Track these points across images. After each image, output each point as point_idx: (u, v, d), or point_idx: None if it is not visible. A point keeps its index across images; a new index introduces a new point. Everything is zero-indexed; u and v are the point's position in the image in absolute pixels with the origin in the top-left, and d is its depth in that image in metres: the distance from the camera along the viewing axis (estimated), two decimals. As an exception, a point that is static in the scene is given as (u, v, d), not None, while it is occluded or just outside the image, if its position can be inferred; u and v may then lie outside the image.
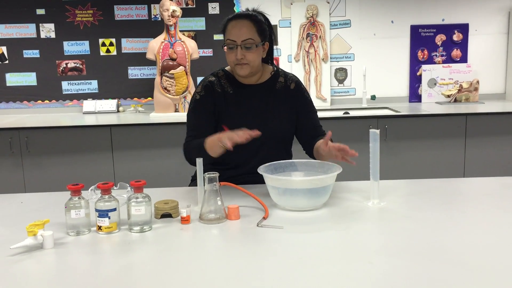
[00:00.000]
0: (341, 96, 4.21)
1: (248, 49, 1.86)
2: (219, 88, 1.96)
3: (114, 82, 4.10)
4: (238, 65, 1.89)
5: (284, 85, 2.01)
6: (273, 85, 2.00)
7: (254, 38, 1.87)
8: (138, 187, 1.46)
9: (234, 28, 1.87)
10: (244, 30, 1.86)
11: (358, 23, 4.12)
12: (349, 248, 1.29)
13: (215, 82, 1.97)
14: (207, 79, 1.99)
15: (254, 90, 1.98)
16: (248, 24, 1.88)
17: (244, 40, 1.85)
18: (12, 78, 4.05)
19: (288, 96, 2.00)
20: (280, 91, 2.00)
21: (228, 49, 1.89)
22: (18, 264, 1.24)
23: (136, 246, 1.36)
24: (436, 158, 3.55)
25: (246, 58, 1.87)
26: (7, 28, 3.98)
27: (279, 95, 1.99)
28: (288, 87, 2.01)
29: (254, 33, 1.88)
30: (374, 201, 1.64)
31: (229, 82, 1.98)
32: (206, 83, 1.98)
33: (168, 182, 3.07)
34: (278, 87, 2.00)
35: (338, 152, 1.71)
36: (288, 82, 2.02)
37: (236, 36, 1.86)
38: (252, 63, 1.89)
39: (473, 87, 4.09)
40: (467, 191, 1.87)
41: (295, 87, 2.03)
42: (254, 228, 1.46)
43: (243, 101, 1.96)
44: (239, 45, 1.86)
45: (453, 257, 1.21)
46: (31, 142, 3.42)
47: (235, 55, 1.87)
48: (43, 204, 1.76)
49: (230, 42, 1.87)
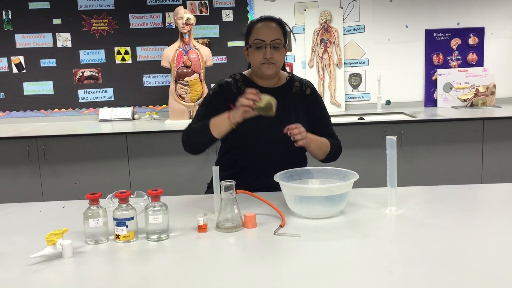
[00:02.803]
0: (356, 101, 4.19)
1: (276, 49, 1.91)
2: (235, 89, 1.99)
3: (130, 90, 4.13)
4: (264, 64, 1.91)
5: (300, 89, 2.05)
6: (289, 89, 2.04)
7: (281, 39, 1.93)
8: (155, 196, 1.47)
9: (263, 28, 1.92)
10: (273, 31, 1.92)
11: (372, 28, 4.11)
12: (367, 257, 1.28)
13: (232, 83, 2.01)
14: (224, 79, 2.04)
15: (271, 92, 1.98)
16: (275, 26, 1.94)
17: (273, 40, 1.90)
18: (29, 87, 4.11)
19: (303, 100, 2.04)
20: (296, 95, 2.03)
21: (256, 49, 1.91)
22: (38, 274, 1.25)
23: (154, 254, 1.37)
24: (453, 163, 3.51)
25: (274, 58, 1.90)
26: (25, 38, 4.05)
27: (295, 99, 2.02)
28: (304, 92, 2.05)
29: (281, 34, 1.94)
30: (392, 209, 1.63)
31: (246, 85, 2.00)
32: (223, 83, 2.02)
33: (183, 189, 3.08)
34: (294, 91, 2.04)
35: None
36: (304, 87, 2.07)
37: (265, 35, 1.90)
38: (278, 63, 1.93)
39: (490, 91, 4.05)
40: (485, 197, 1.84)
41: (311, 93, 2.06)
42: (271, 236, 1.45)
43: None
44: (268, 44, 1.90)
45: (473, 265, 1.20)
46: (48, 150, 3.46)
47: (263, 54, 1.90)
48: (61, 212, 1.78)
49: (258, 41, 1.90)
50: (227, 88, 2.00)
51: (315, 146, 1.93)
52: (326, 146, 1.98)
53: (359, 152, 3.48)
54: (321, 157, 2.00)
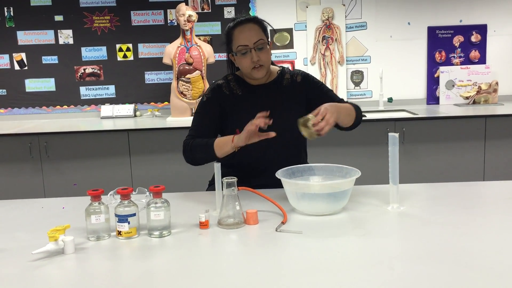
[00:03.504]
0: (358, 98, 4.18)
1: (261, 50, 1.88)
2: (227, 91, 1.98)
3: (131, 87, 4.13)
4: (254, 68, 1.89)
5: (291, 80, 2.02)
6: (280, 83, 2.02)
7: (263, 38, 1.90)
8: (157, 193, 1.47)
9: (243, 33, 1.88)
10: (253, 32, 1.88)
11: (374, 25, 4.10)
12: (369, 254, 1.28)
13: (224, 85, 2.00)
14: (216, 82, 2.03)
15: (263, 89, 2.00)
16: (254, 26, 1.90)
17: (256, 42, 1.87)
18: (31, 84, 4.11)
19: (296, 90, 2.00)
20: (287, 87, 2.01)
21: (241, 55, 1.89)
22: (40, 270, 1.25)
23: (156, 251, 1.37)
24: (455, 161, 3.51)
25: (261, 59, 1.88)
26: (26, 34, 4.04)
27: (287, 91, 2.00)
28: (295, 81, 2.02)
29: (261, 33, 1.91)
30: (394, 206, 1.63)
31: (238, 85, 2.00)
32: (214, 86, 2.01)
33: (185, 186, 3.08)
34: (286, 83, 2.02)
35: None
36: (294, 76, 2.03)
37: (247, 39, 1.87)
38: (266, 63, 1.91)
39: (492, 88, 4.04)
40: (487, 195, 1.84)
41: (302, 79, 2.02)
42: (273, 233, 1.45)
43: (251, 101, 1.97)
44: (252, 48, 1.87)
45: (475, 262, 1.20)
46: (50, 147, 3.47)
47: (251, 59, 1.87)
48: (63, 209, 1.78)
49: (242, 47, 1.87)
50: (219, 91, 1.99)
51: (345, 114, 1.83)
52: (351, 110, 1.90)
53: (361, 149, 3.48)
54: (352, 121, 1.92)
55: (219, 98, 1.98)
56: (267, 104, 1.94)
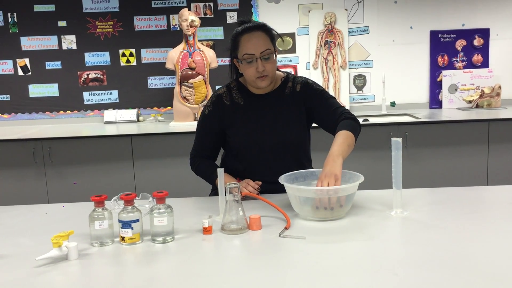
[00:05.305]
0: (360, 103, 4.18)
1: (267, 60, 1.85)
2: (228, 101, 1.97)
3: (134, 92, 4.14)
4: (259, 78, 1.87)
5: (291, 89, 1.98)
6: (282, 92, 1.98)
7: (270, 48, 1.86)
8: (160, 198, 1.47)
9: (250, 41, 1.84)
10: (261, 41, 1.84)
11: (377, 30, 4.10)
12: (373, 259, 1.28)
13: (225, 94, 1.98)
14: (217, 92, 2.00)
15: (265, 99, 1.97)
16: (262, 35, 1.86)
17: (263, 52, 1.83)
18: (35, 89, 4.12)
19: (295, 99, 1.96)
20: (288, 96, 1.97)
21: (247, 63, 1.85)
22: (43, 276, 1.26)
23: (159, 257, 1.37)
24: (458, 165, 3.50)
25: (266, 69, 1.85)
26: (30, 40, 4.06)
27: (287, 101, 1.96)
28: (295, 90, 1.97)
29: (269, 42, 1.86)
30: (397, 211, 1.63)
31: (241, 93, 1.98)
32: (215, 98, 1.99)
33: (188, 191, 3.08)
34: (287, 92, 1.97)
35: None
36: (295, 85, 1.99)
37: (254, 48, 1.83)
38: (271, 73, 1.88)
39: (495, 92, 4.03)
40: (491, 199, 1.84)
41: (301, 88, 1.97)
42: (276, 238, 1.45)
43: (253, 111, 1.96)
44: (259, 57, 1.84)
45: (479, 267, 1.19)
46: (53, 152, 3.47)
47: (256, 68, 1.84)
48: (67, 214, 1.78)
49: (248, 56, 1.84)
50: (219, 103, 1.97)
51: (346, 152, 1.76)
52: (350, 139, 1.82)
53: (364, 154, 3.47)
54: (354, 145, 1.86)
55: (219, 112, 1.96)
56: (268, 114, 1.94)
